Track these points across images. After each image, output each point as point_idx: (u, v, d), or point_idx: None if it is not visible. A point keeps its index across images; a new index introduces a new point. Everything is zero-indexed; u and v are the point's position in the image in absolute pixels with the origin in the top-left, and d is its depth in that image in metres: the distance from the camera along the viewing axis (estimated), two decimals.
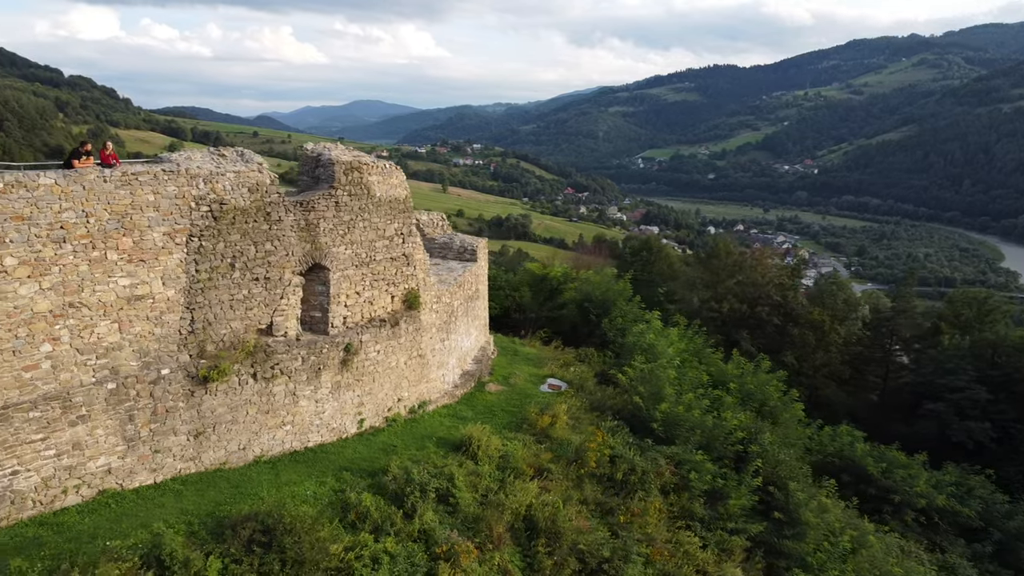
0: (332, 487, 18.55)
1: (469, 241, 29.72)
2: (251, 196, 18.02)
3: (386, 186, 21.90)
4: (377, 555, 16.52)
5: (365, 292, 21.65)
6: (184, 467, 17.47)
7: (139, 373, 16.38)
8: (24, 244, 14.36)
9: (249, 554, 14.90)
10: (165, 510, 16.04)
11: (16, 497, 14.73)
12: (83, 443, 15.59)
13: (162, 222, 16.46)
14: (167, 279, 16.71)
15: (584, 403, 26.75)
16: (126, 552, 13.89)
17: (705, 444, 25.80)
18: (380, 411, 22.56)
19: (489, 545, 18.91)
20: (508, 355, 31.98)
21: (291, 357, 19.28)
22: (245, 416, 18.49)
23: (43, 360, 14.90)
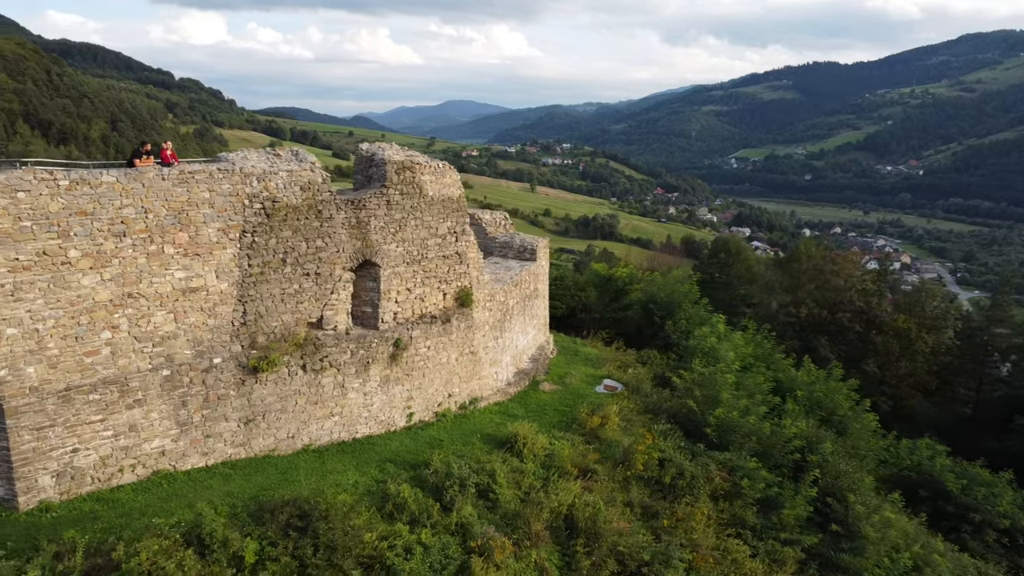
0: (374, 477, 19.08)
1: (529, 241, 29.90)
2: (303, 194, 18.72)
3: (439, 185, 22.32)
4: (410, 545, 16.92)
5: (416, 289, 22.13)
6: (234, 452, 18.32)
7: (193, 361, 17.29)
8: (87, 238, 15.39)
9: (285, 537, 15.55)
10: (212, 492, 16.87)
11: (76, 473, 15.80)
12: (139, 425, 16.58)
13: (217, 218, 17.31)
14: (221, 273, 17.57)
15: (638, 405, 26.55)
16: (168, 530, 14.71)
17: (761, 451, 25.21)
18: (430, 406, 23.02)
19: (527, 542, 19.07)
20: (568, 355, 32.01)
21: (340, 350, 19.92)
22: (294, 406, 19.23)
23: (103, 346, 15.93)
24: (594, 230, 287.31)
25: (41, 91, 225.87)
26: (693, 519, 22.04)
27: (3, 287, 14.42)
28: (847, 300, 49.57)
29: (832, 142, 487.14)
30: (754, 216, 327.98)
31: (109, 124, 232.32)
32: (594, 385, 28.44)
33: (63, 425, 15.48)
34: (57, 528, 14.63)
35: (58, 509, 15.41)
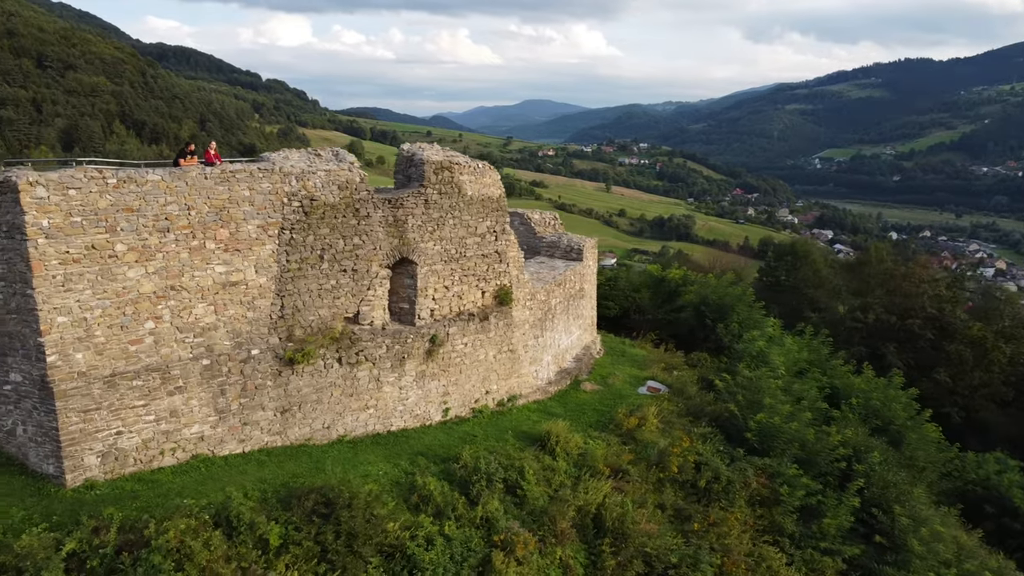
0: (404, 469, 19.58)
1: (576, 241, 30.00)
2: (340, 193, 19.36)
3: (479, 185, 22.68)
4: (432, 536, 17.34)
5: (454, 287, 22.55)
6: (271, 440, 19.10)
7: (231, 352, 18.11)
8: (133, 232, 16.33)
9: (309, 523, 16.16)
10: (246, 477, 17.64)
11: (119, 454, 16.78)
12: (179, 411, 17.48)
13: (256, 216, 18.08)
14: (260, 267, 18.34)
15: (680, 407, 26.38)
16: (199, 511, 15.49)
17: (805, 459, 24.73)
18: (467, 402, 23.42)
19: (552, 539, 19.26)
20: (615, 355, 31.97)
21: (376, 345, 20.51)
22: (329, 397, 19.91)
23: (146, 336, 16.87)
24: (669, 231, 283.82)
25: (136, 92, 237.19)
26: (726, 524, 21.82)
27: (54, 278, 15.44)
28: (918, 306, 47.78)
29: (923, 142, 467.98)
30: (837, 218, 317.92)
31: (198, 124, 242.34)
32: (637, 386, 28.35)
33: (108, 409, 16.47)
34: (99, 505, 15.56)
35: (102, 487, 16.39)
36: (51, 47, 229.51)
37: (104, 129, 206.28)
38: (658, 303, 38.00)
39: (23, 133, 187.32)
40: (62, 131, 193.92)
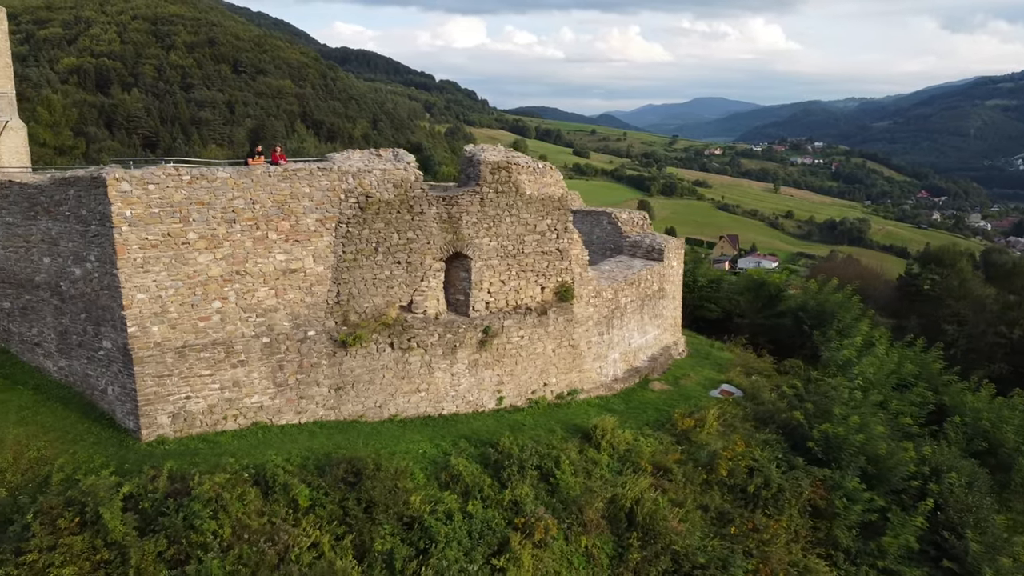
0: (444, 450, 20.90)
1: (659, 241, 30.12)
2: (395, 190, 20.96)
3: (538, 185, 23.60)
4: (452, 512, 18.55)
5: (511, 281, 23.61)
6: (325, 414, 21.05)
7: (290, 332, 20.19)
8: (203, 223, 18.67)
9: (336, 489, 17.87)
10: (297, 445, 19.62)
11: (187, 416, 19.25)
12: (241, 382, 19.75)
13: (315, 210, 20.03)
14: (317, 257, 20.29)
15: (747, 412, 26.00)
16: (240, 469, 17.58)
17: (875, 473, 23.76)
18: (523, 392, 24.41)
19: (578, 528, 19.94)
20: (698, 358, 31.75)
21: (427, 333, 21.99)
22: (381, 379, 21.60)
23: (214, 314, 19.21)
24: (840, 235, 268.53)
25: (317, 94, 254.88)
26: (769, 531, 21.51)
27: (135, 260, 18.02)
28: None
29: None
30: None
31: (371, 123, 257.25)
32: (710, 389, 28.15)
33: (179, 376, 18.95)
34: (164, 458, 17.98)
35: (171, 444, 18.90)
36: (245, 53, 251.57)
37: (287, 128, 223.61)
38: (757, 307, 37.07)
39: (217, 132, 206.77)
40: (250, 130, 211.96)
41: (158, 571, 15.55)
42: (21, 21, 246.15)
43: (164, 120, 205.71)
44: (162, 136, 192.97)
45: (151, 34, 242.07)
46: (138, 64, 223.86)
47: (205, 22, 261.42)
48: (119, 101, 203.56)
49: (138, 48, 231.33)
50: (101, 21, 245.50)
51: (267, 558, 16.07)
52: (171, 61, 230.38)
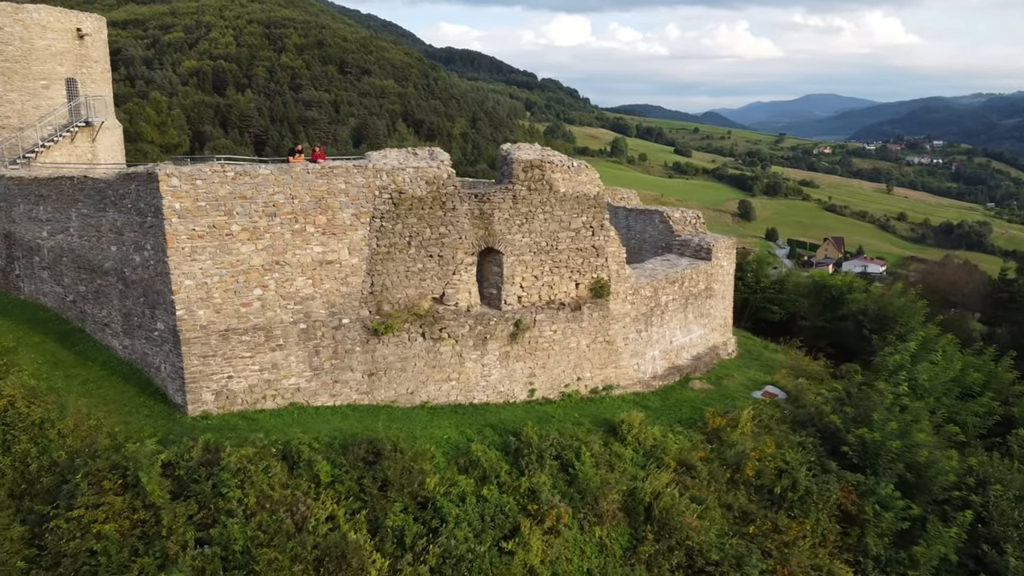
0: (468, 436, 21.78)
1: (708, 240, 30.04)
2: (428, 187, 21.98)
3: (573, 183, 24.13)
4: (466, 495, 19.42)
5: (544, 276, 24.25)
6: (358, 398, 22.31)
7: (325, 319, 21.53)
8: (246, 216, 20.20)
9: (355, 467, 19.05)
10: (328, 425, 20.93)
11: (230, 394, 20.86)
12: (279, 365, 21.23)
13: (351, 205, 21.27)
14: (352, 249, 21.54)
15: (785, 414, 25.72)
16: (269, 444, 18.98)
17: (914, 482, 23.16)
18: (556, 385, 25.01)
19: (593, 518, 20.46)
20: (748, 359, 31.43)
21: (458, 324, 22.92)
22: (413, 367, 22.68)
23: (255, 300, 20.74)
24: (958, 239, 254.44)
25: (419, 94, 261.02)
26: (790, 532, 21.39)
27: (184, 249, 19.72)
28: None
29: None
30: None
31: (470, 122, 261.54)
32: (753, 390, 27.93)
33: (222, 357, 20.59)
34: (205, 431, 19.63)
35: (213, 419, 20.55)
36: (351, 55, 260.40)
37: (388, 127, 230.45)
38: (819, 310, 36.17)
39: (323, 131, 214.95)
40: (354, 129, 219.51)
41: (187, 532, 17.11)
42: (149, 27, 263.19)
43: (274, 119, 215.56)
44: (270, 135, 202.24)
45: (265, 37, 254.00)
46: (252, 66, 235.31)
47: (315, 25, 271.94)
48: (233, 101, 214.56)
49: (252, 51, 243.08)
50: (220, 25, 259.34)
51: (285, 527, 17.37)
52: (282, 63, 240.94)
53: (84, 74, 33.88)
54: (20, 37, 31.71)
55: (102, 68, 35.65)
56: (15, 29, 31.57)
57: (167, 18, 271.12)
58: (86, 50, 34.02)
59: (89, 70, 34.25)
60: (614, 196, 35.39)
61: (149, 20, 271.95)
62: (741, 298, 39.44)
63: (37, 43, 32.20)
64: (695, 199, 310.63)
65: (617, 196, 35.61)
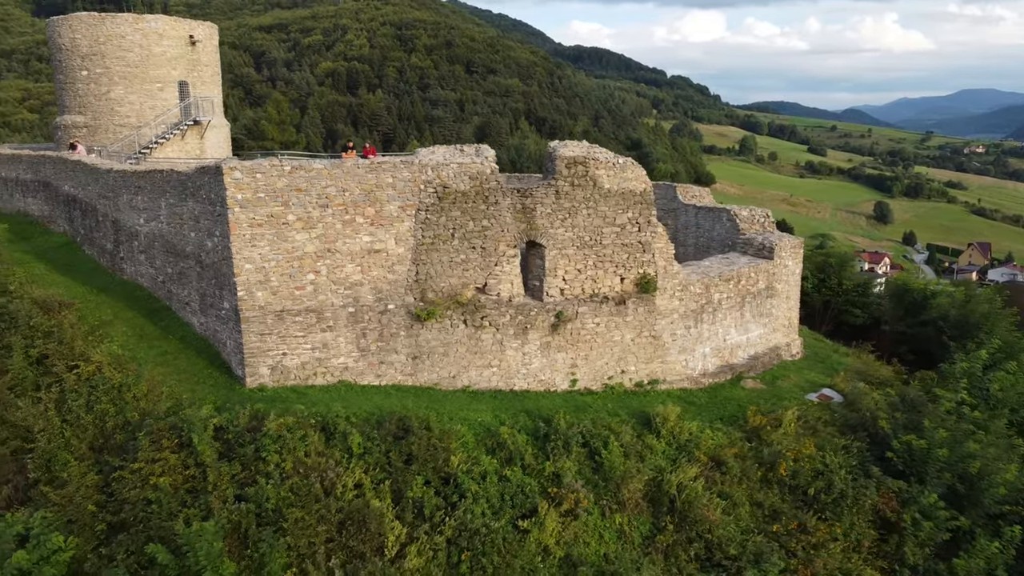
0: (502, 420, 22.74)
1: (771, 239, 29.69)
2: (471, 182, 23.16)
3: (618, 179, 24.67)
4: (488, 474, 20.49)
5: (588, 270, 24.92)
6: (402, 379, 23.79)
7: (372, 304, 23.12)
8: (300, 207, 22.05)
9: (384, 441, 20.50)
10: (370, 402, 22.49)
11: (284, 370, 22.82)
12: (329, 345, 23.00)
13: (397, 198, 22.75)
14: (399, 239, 23.02)
15: (836, 417, 25.25)
16: (308, 416, 20.72)
17: (965, 493, 22.34)
18: (598, 377, 25.63)
19: (615, 505, 21.09)
20: (813, 361, 30.76)
21: (499, 313, 23.98)
22: (455, 352, 23.94)
23: (308, 284, 22.58)
24: None
25: (542, 92, 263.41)
26: (818, 534, 21.19)
27: (244, 236, 21.79)
28: None
29: None
30: None
31: (592, 120, 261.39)
32: (809, 392, 27.47)
33: (278, 335, 22.56)
34: (258, 401, 21.64)
35: (268, 391, 22.54)
36: (478, 54, 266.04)
37: (511, 125, 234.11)
38: (900, 314, 34.67)
39: (447, 129, 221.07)
40: (477, 127, 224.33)
41: (229, 489, 19.05)
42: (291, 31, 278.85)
43: (401, 118, 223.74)
44: (398, 132, 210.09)
45: (396, 38, 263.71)
46: (383, 66, 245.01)
47: (444, 26, 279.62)
48: (364, 101, 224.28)
49: (384, 52, 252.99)
50: (355, 28, 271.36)
51: (314, 490, 19.02)
52: (411, 63, 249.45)
53: (195, 77, 37.31)
54: (139, 44, 35.35)
55: (212, 72, 39.07)
56: (135, 37, 35.22)
57: (308, 22, 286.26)
58: (197, 55, 37.43)
59: (200, 73, 37.67)
60: (685, 194, 35.43)
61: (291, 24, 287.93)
62: (823, 300, 38.54)
63: (154, 49, 35.77)
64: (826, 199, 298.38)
65: (689, 194, 35.60)
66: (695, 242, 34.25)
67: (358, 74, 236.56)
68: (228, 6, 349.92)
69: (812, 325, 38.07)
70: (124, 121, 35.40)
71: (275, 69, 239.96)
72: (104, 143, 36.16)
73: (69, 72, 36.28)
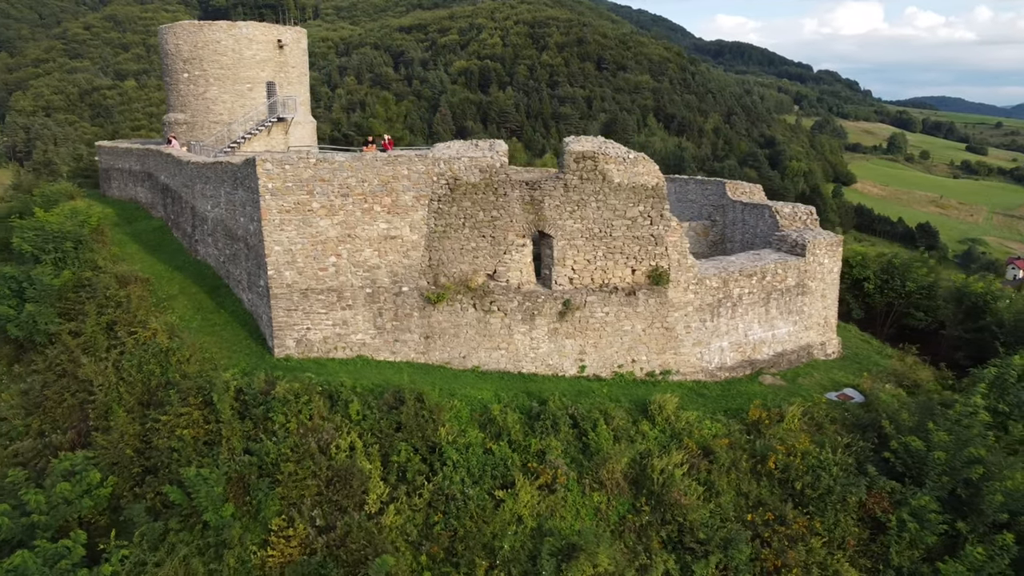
0: (500, 399, 24.22)
1: (805, 237, 29.41)
2: (481, 175, 24.71)
3: (628, 174, 25.47)
4: (472, 445, 22.03)
5: (597, 261, 25.88)
6: (416, 357, 25.68)
7: (388, 286, 25.14)
8: (324, 196, 24.36)
9: (380, 410, 22.47)
10: (381, 376, 24.52)
11: (307, 343, 25.24)
12: (348, 322, 25.22)
13: (412, 189, 24.63)
14: (413, 227, 24.91)
15: (847, 416, 24.98)
16: (319, 382, 22.98)
17: (967, 499, 21.78)
18: (607, 364, 26.54)
19: (595, 484, 22.13)
20: (849, 361, 30.09)
21: (507, 299, 25.40)
22: (465, 334, 25.58)
23: (330, 266, 24.87)
24: None
25: (673, 88, 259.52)
26: (795, 526, 21.37)
27: (274, 221, 24.33)
28: None
29: None
30: None
31: (724, 117, 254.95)
32: (830, 390, 27.15)
33: (302, 311, 25.00)
34: (280, 369, 24.16)
35: (293, 361, 25.02)
36: (609, 51, 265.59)
37: (638, 122, 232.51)
38: (958, 319, 32.98)
39: (573, 126, 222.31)
40: (604, 124, 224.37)
41: (239, 443, 21.65)
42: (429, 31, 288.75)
43: (529, 115, 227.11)
44: (525, 129, 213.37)
45: (528, 36, 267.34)
46: (515, 64, 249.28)
47: (577, 23, 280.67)
48: (494, 98, 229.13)
49: (516, 50, 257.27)
50: (490, 27, 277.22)
51: (310, 449, 21.29)
52: (542, 61, 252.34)
53: (282, 78, 40.82)
54: (232, 49, 39.14)
55: (298, 72, 42.51)
56: (229, 42, 39.03)
57: (445, 21, 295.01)
58: (285, 57, 40.91)
59: (286, 74, 41.15)
60: (734, 191, 35.38)
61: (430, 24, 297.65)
62: (885, 302, 37.34)
63: (245, 53, 39.49)
64: (981, 201, 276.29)
65: (738, 191, 35.52)
66: (741, 238, 34.22)
67: (490, 72, 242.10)
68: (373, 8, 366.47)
69: (873, 327, 36.95)
70: (218, 118, 39.36)
71: (412, 68, 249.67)
72: (200, 138, 40.32)
73: (173, 74, 40.72)
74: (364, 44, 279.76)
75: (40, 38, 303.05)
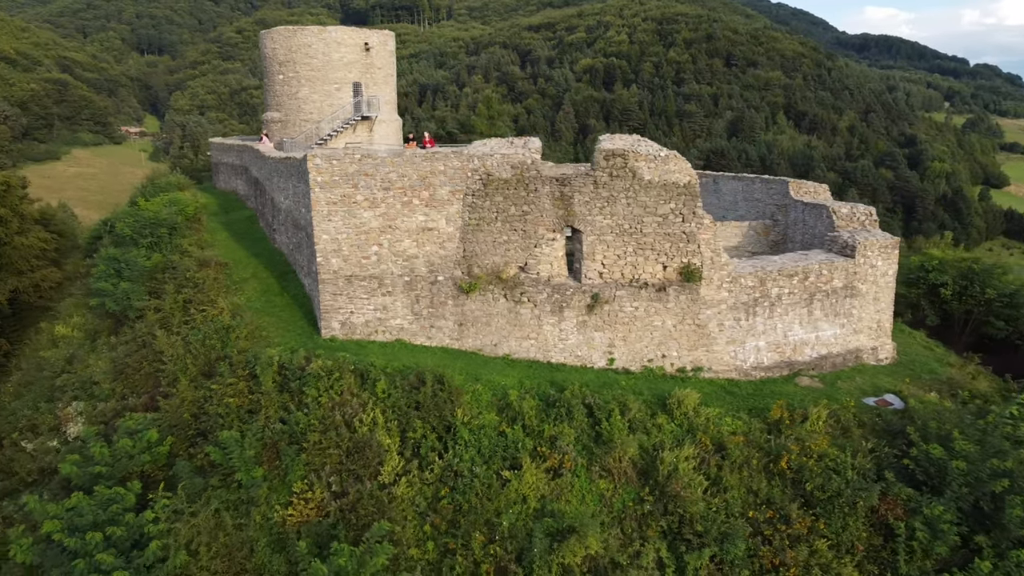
0: (523, 386, 25.25)
1: (857, 238, 28.69)
2: (513, 171, 25.84)
3: (660, 171, 25.88)
4: (485, 427, 23.24)
5: (628, 257, 26.44)
6: (450, 343, 27.13)
7: (425, 275, 26.72)
8: (367, 189, 26.21)
9: (403, 389, 24.05)
10: (415, 359, 26.11)
11: (351, 326, 27.20)
12: (388, 307, 26.99)
13: (447, 184, 26.08)
14: (449, 220, 26.35)
15: (878, 421, 24.42)
16: (352, 361, 24.84)
17: (990, 512, 21.05)
18: (637, 358, 27.05)
19: (603, 472, 22.87)
20: (902, 367, 29.05)
21: (537, 291, 26.42)
22: (496, 323, 26.80)
23: (372, 255, 26.71)
24: None
25: (806, 85, 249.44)
26: (797, 526, 21.32)
27: (323, 212, 26.42)
28: None
29: None
30: None
31: (860, 115, 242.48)
32: (869, 395, 26.49)
33: (347, 296, 26.98)
34: (325, 348, 26.23)
35: (337, 342, 27.04)
36: (739, 47, 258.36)
37: (767, 120, 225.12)
38: None
39: (698, 124, 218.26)
40: (729, 122, 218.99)
41: (275, 413, 23.82)
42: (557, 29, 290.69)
43: (652, 113, 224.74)
44: (648, 128, 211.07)
45: (656, 33, 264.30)
46: (640, 62, 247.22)
47: (706, 19, 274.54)
48: (618, 96, 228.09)
49: (643, 47, 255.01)
50: (617, 24, 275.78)
51: (335, 421, 23.15)
52: (669, 58, 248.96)
53: (368, 79, 43.34)
54: (322, 52, 42.00)
55: (384, 73, 44.96)
56: (319, 46, 41.90)
57: (573, 19, 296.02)
58: (371, 59, 43.43)
59: (372, 75, 43.66)
60: (797, 190, 34.70)
61: (558, 22, 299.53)
62: (964, 310, 35.61)
63: (333, 56, 42.28)
64: None
65: (801, 190, 34.80)
66: (801, 238, 33.57)
67: (615, 70, 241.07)
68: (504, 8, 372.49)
69: (950, 335, 35.30)
70: (308, 116, 42.32)
71: (538, 67, 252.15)
72: (293, 135, 43.51)
73: (270, 76, 44.13)
74: (493, 43, 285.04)
75: (198, 42, 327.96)
